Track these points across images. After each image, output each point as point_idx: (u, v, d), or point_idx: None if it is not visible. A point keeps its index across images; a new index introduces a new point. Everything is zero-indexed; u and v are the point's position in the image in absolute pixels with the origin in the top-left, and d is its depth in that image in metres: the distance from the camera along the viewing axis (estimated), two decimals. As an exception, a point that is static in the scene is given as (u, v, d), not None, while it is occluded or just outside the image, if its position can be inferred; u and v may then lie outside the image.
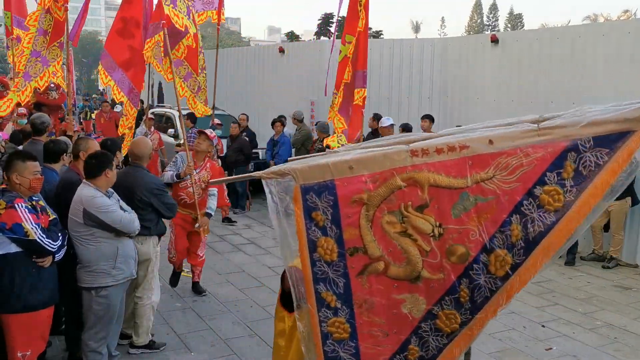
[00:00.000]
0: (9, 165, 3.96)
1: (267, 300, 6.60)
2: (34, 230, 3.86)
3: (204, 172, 6.46)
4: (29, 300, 3.94)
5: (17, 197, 3.89)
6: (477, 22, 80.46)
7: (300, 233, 2.69)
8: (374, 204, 2.61)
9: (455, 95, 11.11)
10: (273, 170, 2.73)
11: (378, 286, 2.66)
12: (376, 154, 2.63)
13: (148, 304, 5.15)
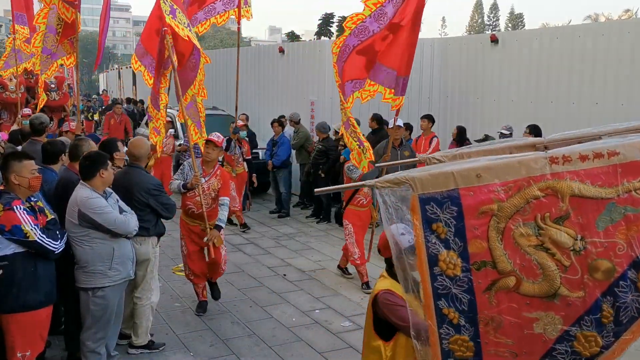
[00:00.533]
0: (6, 166, 3.97)
1: (266, 300, 6.61)
2: (33, 231, 3.86)
3: (214, 179, 6.00)
4: (28, 300, 3.95)
5: (15, 199, 3.89)
6: (477, 22, 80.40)
7: (419, 246, 2.50)
8: (505, 215, 2.41)
9: (455, 95, 11.10)
10: (388, 179, 2.55)
11: (508, 303, 2.45)
12: (510, 161, 2.42)
13: (147, 304, 5.15)
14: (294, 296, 6.77)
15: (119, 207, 4.46)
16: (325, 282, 7.29)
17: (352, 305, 6.54)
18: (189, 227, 6.01)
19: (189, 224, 6.01)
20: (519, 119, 9.36)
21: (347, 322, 6.05)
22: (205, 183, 5.90)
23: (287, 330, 5.82)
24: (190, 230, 6.02)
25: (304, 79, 13.17)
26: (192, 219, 5.99)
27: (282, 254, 8.52)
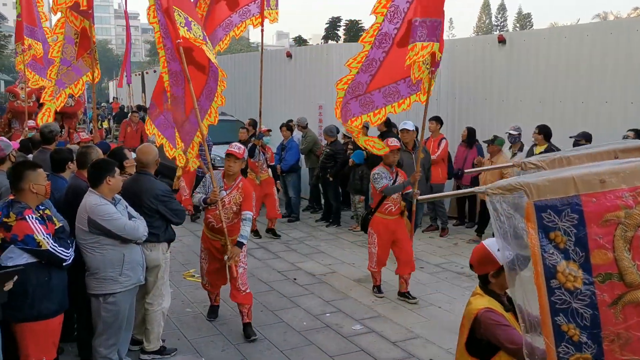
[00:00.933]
0: (22, 176, 3.98)
1: (277, 304, 6.62)
2: (46, 240, 3.90)
3: (236, 192, 5.67)
4: (42, 309, 3.99)
5: (26, 208, 3.92)
6: (485, 23, 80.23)
7: (535, 256, 2.32)
8: (634, 223, 2.24)
9: (463, 97, 11.07)
10: (500, 185, 2.40)
11: (637, 318, 2.27)
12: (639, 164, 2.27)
13: (158, 310, 5.18)
14: (304, 300, 6.77)
15: (127, 213, 4.50)
16: (336, 285, 7.29)
17: (363, 308, 6.53)
18: (210, 242, 5.78)
19: (210, 238, 5.77)
20: (528, 119, 9.32)
21: (358, 326, 6.04)
22: (227, 197, 5.61)
23: (298, 334, 5.83)
24: (211, 244, 5.78)
25: (311, 83, 13.20)
26: (213, 233, 5.72)
27: (292, 258, 8.53)
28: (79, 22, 7.59)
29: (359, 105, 6.29)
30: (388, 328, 5.99)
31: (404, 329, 5.98)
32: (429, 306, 6.59)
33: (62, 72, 7.89)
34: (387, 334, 5.83)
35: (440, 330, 5.93)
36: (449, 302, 6.72)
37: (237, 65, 16.47)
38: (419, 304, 6.64)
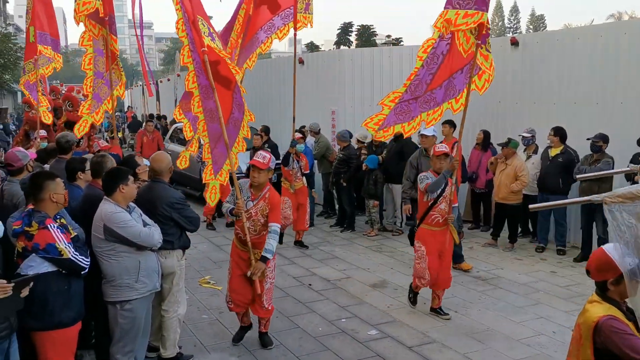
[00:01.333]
0: (43, 186, 4.03)
1: (292, 310, 6.62)
2: (67, 249, 3.94)
3: (263, 203, 5.37)
4: (63, 318, 4.03)
5: (47, 218, 3.97)
6: (498, 25, 79.86)
7: None
8: None
9: (476, 100, 10.98)
10: (620, 194, 2.34)
11: None
12: None
13: (174, 316, 5.20)
14: (319, 305, 6.77)
15: (142, 221, 4.54)
16: (351, 290, 7.28)
17: (379, 313, 6.51)
18: (238, 253, 5.54)
19: (239, 249, 5.54)
20: (542, 122, 9.26)
21: (373, 331, 6.03)
22: (253, 208, 5.36)
23: (314, 340, 5.82)
24: (240, 256, 5.53)
25: (324, 89, 13.23)
26: (242, 245, 5.47)
27: (307, 263, 8.53)
28: (97, 30, 7.56)
29: (394, 114, 6.05)
30: (404, 333, 5.97)
31: (420, 333, 5.95)
32: (445, 311, 6.55)
33: (97, 85, 7.89)
34: (403, 339, 5.81)
35: (456, 335, 5.89)
36: (464, 306, 6.68)
37: (250, 72, 16.54)
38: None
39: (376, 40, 45.29)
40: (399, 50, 13.11)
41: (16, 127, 32.02)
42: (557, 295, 7.03)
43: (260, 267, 5.22)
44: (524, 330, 5.96)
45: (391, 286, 7.43)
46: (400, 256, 8.79)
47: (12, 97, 47.52)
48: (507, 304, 6.73)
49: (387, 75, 12.25)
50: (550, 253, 8.77)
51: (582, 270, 7.87)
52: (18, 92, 48.35)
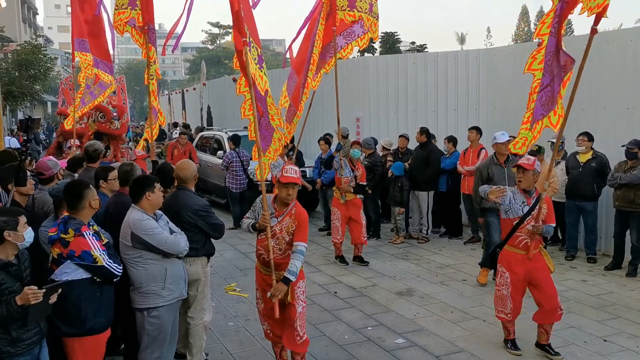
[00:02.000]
0: (83, 195, 4.11)
1: (318, 318, 6.59)
2: (102, 256, 4.00)
3: (288, 219, 4.81)
4: (94, 323, 4.07)
5: (82, 225, 4.05)
6: (524, 31, 79.04)
7: None
8: None
9: (503, 106, 10.92)
10: None
11: None
12: None
13: (200, 323, 5.22)
14: (345, 313, 6.73)
15: (169, 228, 4.58)
16: (377, 298, 7.23)
17: (405, 322, 6.45)
18: (262, 277, 4.93)
19: (262, 272, 4.92)
20: (571, 127, 9.08)
21: (400, 339, 5.97)
22: (278, 225, 4.78)
23: (340, 348, 5.79)
24: (264, 280, 4.90)
25: (349, 96, 13.22)
26: (265, 267, 4.86)
27: (333, 271, 8.50)
28: (142, 40, 7.42)
29: (540, 106, 5.54)
30: (431, 342, 5.90)
31: (447, 342, 5.88)
32: (473, 319, 6.46)
33: None
34: (430, 348, 5.74)
35: (485, 345, 5.80)
36: (493, 315, 6.57)
37: (274, 80, 16.62)
38: (463, 318, 6.52)
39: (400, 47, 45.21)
40: (424, 57, 13.06)
41: (46, 136, 32.73)
42: (589, 304, 6.88)
43: (282, 288, 4.60)
44: (554, 340, 5.83)
45: (418, 294, 7.36)
46: (427, 264, 8.71)
47: (42, 107, 48.57)
48: (536, 313, 6.61)
49: (411, 82, 12.22)
50: (580, 261, 8.61)
51: (613, 279, 7.73)
52: (48, 102, 49.39)
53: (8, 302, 3.45)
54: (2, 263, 3.55)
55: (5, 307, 3.43)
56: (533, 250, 5.43)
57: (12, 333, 3.54)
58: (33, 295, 3.46)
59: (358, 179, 8.84)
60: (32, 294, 3.46)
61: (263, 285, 4.91)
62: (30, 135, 17.64)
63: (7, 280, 3.52)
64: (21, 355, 3.60)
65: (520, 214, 5.45)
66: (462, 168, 9.68)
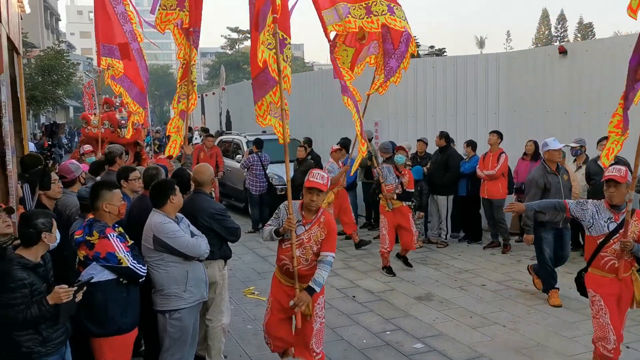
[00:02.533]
0: (98, 196, 4.20)
1: (336, 322, 6.59)
2: (126, 257, 4.08)
3: (317, 228, 4.59)
4: (121, 323, 4.15)
5: (107, 227, 4.13)
6: (544, 34, 78.40)
7: None
8: None
9: (523, 109, 10.84)
10: None
11: None
12: None
13: (218, 326, 5.26)
14: (364, 317, 6.72)
15: (190, 231, 4.63)
16: (395, 303, 7.21)
17: (424, 326, 6.42)
18: (281, 287, 4.70)
19: (283, 283, 4.70)
20: (592, 132, 9.02)
21: (419, 344, 5.94)
22: (305, 233, 4.57)
23: (359, 352, 5.78)
24: (283, 291, 4.67)
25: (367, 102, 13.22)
26: (287, 277, 4.65)
27: (351, 275, 8.49)
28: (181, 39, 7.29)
29: None
30: (450, 347, 5.86)
31: (467, 347, 5.84)
32: (493, 325, 6.41)
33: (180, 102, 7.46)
34: (449, 353, 5.71)
35: (504, 350, 5.75)
36: (513, 320, 6.52)
37: (293, 84, 16.66)
38: (483, 323, 6.48)
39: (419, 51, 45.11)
40: (443, 61, 13.02)
41: (68, 140, 33.17)
42: (611, 310, 6.78)
43: (305, 298, 4.43)
44: (576, 347, 5.77)
45: (437, 299, 7.32)
46: (446, 269, 8.67)
47: (64, 112, 49.27)
48: (557, 319, 6.54)
49: (430, 86, 12.18)
50: (602, 267, 8.49)
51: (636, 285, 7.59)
52: (70, 106, 50.07)
53: (39, 302, 3.53)
54: (32, 264, 3.64)
55: (37, 307, 3.51)
56: (623, 274, 4.81)
57: (43, 333, 3.62)
58: (65, 293, 3.55)
59: (405, 185, 8.42)
60: (63, 292, 3.54)
61: (280, 296, 4.68)
62: (54, 140, 17.87)
63: (36, 282, 3.61)
64: (50, 354, 3.68)
65: (605, 232, 4.85)
66: (482, 172, 9.62)
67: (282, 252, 4.66)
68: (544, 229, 7.04)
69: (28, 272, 3.57)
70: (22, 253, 3.65)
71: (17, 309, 3.48)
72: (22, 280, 3.51)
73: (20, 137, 7.49)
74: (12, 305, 3.47)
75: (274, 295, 4.75)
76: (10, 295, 3.48)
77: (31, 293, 3.55)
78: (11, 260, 3.59)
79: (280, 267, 4.72)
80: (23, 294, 3.50)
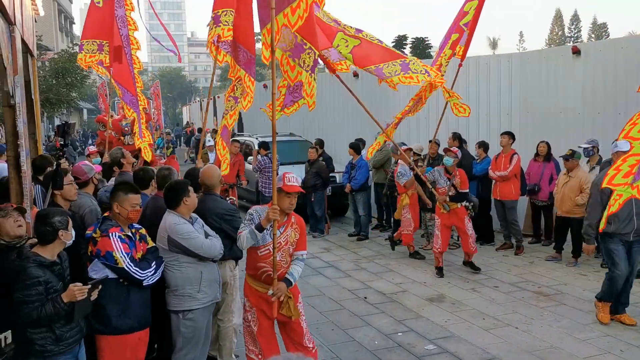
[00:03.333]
0: (113, 195, 4.28)
1: (348, 322, 6.59)
2: (122, 258, 4.07)
3: (291, 230, 4.58)
4: (119, 324, 4.15)
5: (113, 226, 4.15)
6: (558, 35, 77.88)
7: None
8: None
9: (536, 110, 10.76)
10: None
11: None
12: None
13: (229, 326, 5.29)
14: (375, 319, 6.71)
15: (204, 232, 4.64)
16: (407, 304, 7.18)
17: (436, 328, 6.39)
18: (259, 296, 4.56)
19: (260, 290, 4.55)
20: (605, 133, 8.95)
21: (431, 346, 5.92)
22: (282, 236, 4.50)
23: (370, 354, 5.77)
24: (263, 300, 4.53)
25: (378, 102, 13.21)
26: (264, 285, 4.52)
27: (362, 276, 8.48)
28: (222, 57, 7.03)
29: None
30: (462, 348, 5.83)
31: (479, 349, 5.81)
32: (505, 327, 6.37)
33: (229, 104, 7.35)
34: (461, 355, 5.68)
35: (517, 352, 5.72)
36: (526, 322, 6.48)
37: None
38: (495, 325, 6.44)
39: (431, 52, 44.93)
40: (455, 62, 12.96)
41: (81, 143, 33.47)
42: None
43: (284, 288, 4.42)
44: (589, 349, 5.72)
45: (448, 300, 7.29)
46: (457, 270, 8.62)
47: (78, 114, 49.66)
48: (571, 321, 6.49)
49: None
50: (616, 269, 8.40)
51: (651, 287, 7.51)
52: (84, 109, 50.46)
53: (54, 300, 3.56)
54: (48, 262, 3.67)
55: (52, 305, 3.54)
56: None
57: (56, 331, 3.65)
58: (79, 291, 3.58)
59: (458, 186, 8.22)
60: (78, 290, 3.58)
61: (260, 304, 4.55)
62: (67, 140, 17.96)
63: (52, 280, 3.64)
64: (63, 353, 3.71)
65: None
66: (494, 173, 9.56)
67: (261, 260, 4.49)
68: (610, 239, 6.26)
69: (44, 269, 3.61)
70: (39, 251, 3.69)
71: (32, 306, 3.51)
72: (37, 277, 3.55)
73: (34, 139, 7.57)
74: (26, 302, 3.51)
75: (256, 306, 4.58)
76: (25, 292, 3.52)
77: (46, 291, 3.58)
78: (27, 258, 3.63)
79: (257, 275, 4.54)
80: (38, 291, 3.54)
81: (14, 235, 4.05)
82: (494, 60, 11.84)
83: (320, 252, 9.90)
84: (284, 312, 4.50)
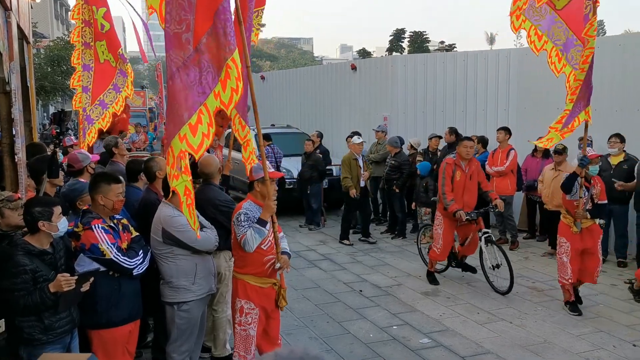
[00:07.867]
0: (94, 187, 4.16)
1: (343, 315, 6.59)
2: (109, 249, 3.99)
3: None
4: (111, 317, 4.10)
5: (94, 219, 4.05)
6: (555, 31, 77.80)
7: None
8: None
9: (533, 106, 10.76)
10: None
11: None
12: None
13: (224, 317, 5.28)
14: (370, 312, 6.71)
15: (199, 223, 4.59)
16: (402, 298, 7.19)
17: (431, 321, 6.41)
18: (263, 293, 4.49)
19: (263, 287, 4.48)
20: (603, 129, 8.94)
21: (425, 339, 5.93)
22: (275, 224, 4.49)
23: (365, 347, 5.77)
24: (265, 295, 4.50)
25: (376, 95, 13.21)
26: (265, 279, 4.48)
27: (358, 269, 8.49)
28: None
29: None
30: (457, 342, 5.85)
31: (473, 343, 5.82)
32: (500, 321, 6.39)
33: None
34: (456, 349, 5.70)
35: (511, 347, 5.74)
36: (520, 317, 6.50)
37: (302, 78, 16.68)
38: (490, 319, 6.46)
39: (429, 46, 44.94)
40: (453, 57, 12.95)
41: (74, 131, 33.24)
42: (618, 308, 6.75)
43: (287, 260, 4.45)
44: (582, 344, 5.75)
45: (443, 294, 7.31)
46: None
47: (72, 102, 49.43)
48: (564, 316, 6.51)
49: (440, 82, 12.14)
50: (610, 265, 8.44)
51: (645, 284, 7.54)
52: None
53: (42, 289, 3.53)
54: (37, 251, 3.64)
55: (39, 294, 3.51)
56: None
57: (45, 321, 3.62)
58: (66, 282, 3.54)
59: (596, 198, 6.47)
60: (64, 280, 3.54)
61: (264, 302, 4.48)
62: (63, 128, 17.86)
63: (42, 268, 3.61)
64: (52, 343, 3.68)
65: None
66: (491, 169, 9.57)
67: (267, 253, 4.41)
68: None
69: (32, 258, 3.58)
70: (29, 239, 3.66)
71: (18, 294, 3.49)
72: (23, 266, 3.53)
73: (29, 126, 7.49)
74: (12, 290, 3.49)
75: (259, 305, 4.46)
76: (12, 280, 3.50)
77: (34, 279, 3.55)
78: (16, 246, 3.61)
79: (263, 272, 4.44)
80: (24, 279, 3.51)
81: (14, 227, 4.00)
82: (492, 56, 11.84)
83: (316, 245, 9.89)
84: (279, 303, 4.52)
